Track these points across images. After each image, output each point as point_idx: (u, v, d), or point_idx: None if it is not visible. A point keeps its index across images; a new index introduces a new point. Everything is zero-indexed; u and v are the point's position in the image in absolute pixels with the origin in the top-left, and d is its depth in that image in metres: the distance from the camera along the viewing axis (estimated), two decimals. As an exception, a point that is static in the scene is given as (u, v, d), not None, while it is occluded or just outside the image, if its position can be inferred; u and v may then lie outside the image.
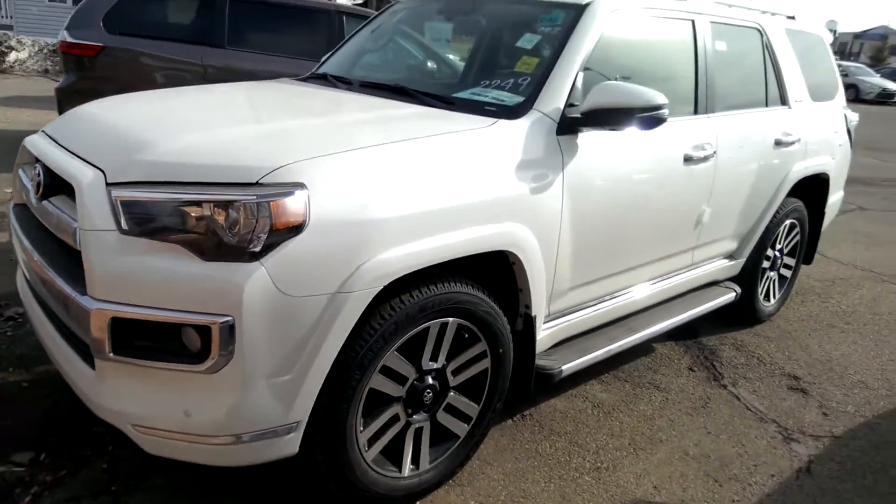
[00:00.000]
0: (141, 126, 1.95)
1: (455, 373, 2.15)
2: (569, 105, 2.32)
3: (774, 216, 3.61)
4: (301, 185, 1.64)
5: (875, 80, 25.67)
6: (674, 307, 3.16)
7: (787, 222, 3.79)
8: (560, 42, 2.40)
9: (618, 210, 2.52)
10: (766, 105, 3.47)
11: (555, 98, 2.29)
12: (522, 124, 2.20)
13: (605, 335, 2.78)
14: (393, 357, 1.93)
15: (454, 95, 2.47)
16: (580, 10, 2.47)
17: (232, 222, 1.58)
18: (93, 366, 1.70)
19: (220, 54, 5.81)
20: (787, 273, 4.05)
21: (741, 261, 3.58)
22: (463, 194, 1.93)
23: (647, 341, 3.44)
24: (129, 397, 1.68)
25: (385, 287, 1.79)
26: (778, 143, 3.41)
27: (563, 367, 2.48)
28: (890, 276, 5.05)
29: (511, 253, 2.11)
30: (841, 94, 4.23)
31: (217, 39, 5.85)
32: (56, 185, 1.81)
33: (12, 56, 11.28)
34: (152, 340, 1.62)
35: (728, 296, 3.45)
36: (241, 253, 1.58)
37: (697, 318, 3.70)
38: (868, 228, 6.47)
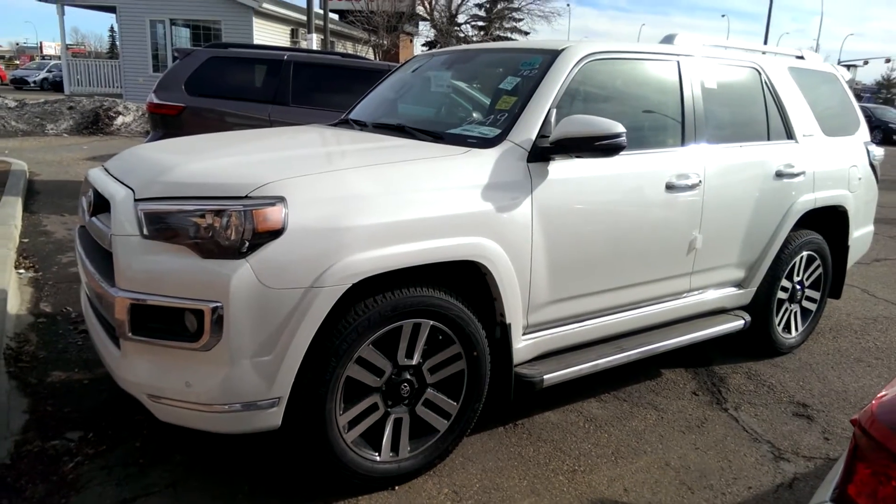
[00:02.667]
0: (168, 157, 2.42)
1: (432, 371, 2.42)
2: (541, 137, 2.61)
3: (785, 246, 3.68)
4: (281, 199, 2.01)
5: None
6: (673, 331, 3.29)
7: (805, 254, 3.84)
8: (535, 82, 2.72)
9: (593, 232, 2.74)
10: (768, 139, 3.60)
11: (526, 130, 2.60)
12: (493, 152, 2.51)
13: (594, 352, 2.96)
14: (369, 350, 2.23)
15: (447, 131, 2.82)
16: (555, 54, 2.79)
17: (224, 227, 1.96)
18: (119, 346, 2.11)
19: (284, 111, 6.50)
20: (810, 306, 4.05)
21: (751, 289, 3.65)
22: (429, 210, 2.24)
23: (654, 365, 3.60)
24: (145, 371, 2.06)
25: (359, 286, 2.12)
26: (780, 175, 3.53)
27: (545, 377, 2.68)
28: (943, 315, 4.86)
29: (480, 264, 2.39)
30: (863, 130, 4.27)
31: (282, 98, 6.56)
32: (102, 204, 2.28)
33: (119, 120, 12.78)
34: (161, 323, 2.01)
35: (735, 323, 3.53)
36: (231, 252, 1.96)
37: (712, 348, 3.82)
38: (930, 270, 6.20)
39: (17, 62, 42.68)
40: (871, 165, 4.18)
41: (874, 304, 5.06)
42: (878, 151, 4.25)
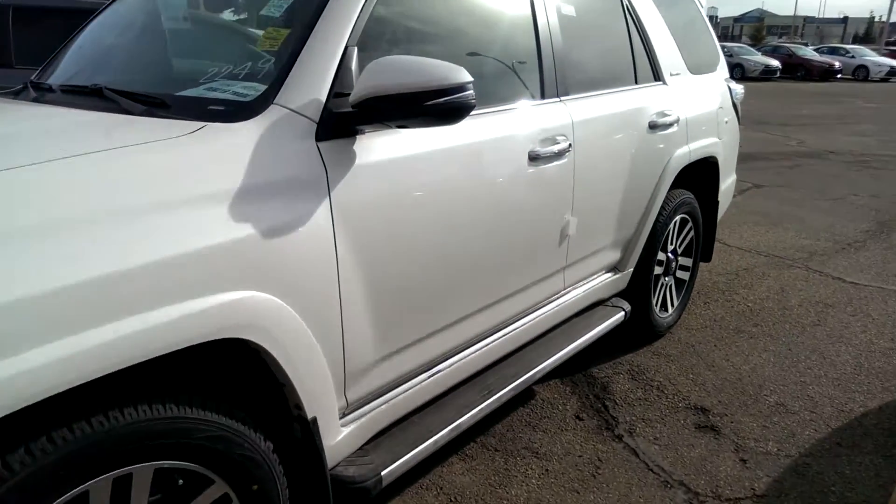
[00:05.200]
0: None
1: (177, 537, 1.33)
2: (338, 96, 1.55)
3: (660, 214, 3.00)
4: None
5: (758, 58, 26.77)
6: (546, 345, 2.47)
7: (678, 218, 3.21)
8: (320, 1, 1.63)
9: (437, 239, 1.77)
10: (636, 82, 2.85)
11: (310, 85, 1.52)
12: (251, 129, 1.42)
13: (451, 406, 2.04)
14: (18, 557, 1.09)
15: (176, 93, 1.65)
16: (348, -43, 1.71)
17: None
18: None
19: (6, 74, 4.74)
20: (684, 275, 3.48)
21: (628, 272, 2.95)
22: (119, 256, 1.12)
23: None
24: None
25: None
26: (653, 127, 2.80)
27: (384, 473, 1.71)
28: (794, 258, 4.62)
29: (248, 341, 1.32)
30: (723, 65, 3.71)
31: (3, 57, 4.83)
32: None
33: None
34: None
35: (615, 317, 2.80)
36: None
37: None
38: (766, 207, 6.12)
39: None
40: (734, 105, 3.64)
41: (729, 255, 4.71)
42: (739, 89, 3.72)
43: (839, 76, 27.22)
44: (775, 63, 26.31)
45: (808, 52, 29.09)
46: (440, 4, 1.95)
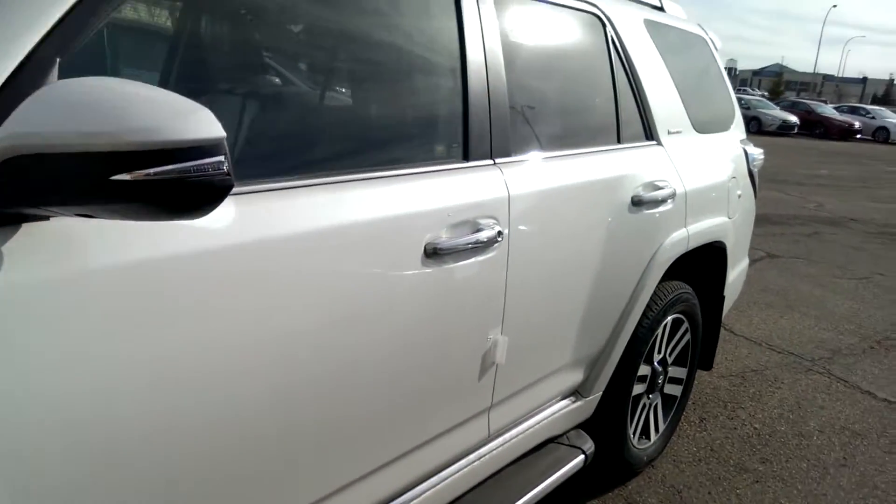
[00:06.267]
0: None
1: None
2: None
3: (644, 317, 2.22)
4: None
5: (776, 113, 26.12)
6: (457, 519, 1.67)
7: (669, 319, 2.42)
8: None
9: (211, 405, 1.00)
10: (619, 141, 2.09)
11: None
12: None
13: None
14: None
15: None
16: None
17: None
18: None
19: None
20: (674, 391, 2.67)
21: (594, 396, 2.15)
22: None
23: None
24: None
25: None
26: (639, 203, 2.03)
27: None
28: (813, 358, 3.81)
29: None
30: (739, 123, 2.96)
31: None
32: None
33: None
34: None
35: (570, 465, 2.00)
36: None
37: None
38: (780, 282, 5.32)
39: None
40: (751, 174, 2.88)
41: (735, 348, 3.90)
42: (758, 153, 2.96)
43: (858, 136, 26.50)
44: (793, 118, 25.63)
45: (828, 110, 28.43)
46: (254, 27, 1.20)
